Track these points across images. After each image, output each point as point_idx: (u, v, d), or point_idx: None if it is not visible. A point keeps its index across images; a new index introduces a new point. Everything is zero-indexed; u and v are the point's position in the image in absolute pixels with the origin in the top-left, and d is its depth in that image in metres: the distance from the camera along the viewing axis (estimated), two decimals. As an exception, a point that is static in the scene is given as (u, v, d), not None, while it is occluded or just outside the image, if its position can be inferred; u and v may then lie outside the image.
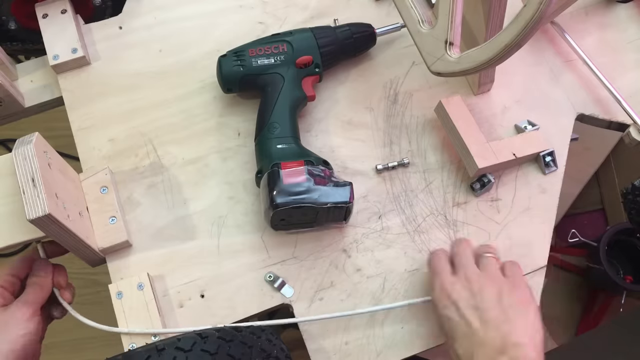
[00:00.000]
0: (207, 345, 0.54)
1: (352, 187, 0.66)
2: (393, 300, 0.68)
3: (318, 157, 0.68)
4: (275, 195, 0.63)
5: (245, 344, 0.56)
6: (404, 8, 0.67)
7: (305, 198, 0.64)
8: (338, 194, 0.65)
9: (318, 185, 0.64)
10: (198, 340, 0.54)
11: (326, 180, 0.65)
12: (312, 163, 0.66)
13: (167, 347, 0.53)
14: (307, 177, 0.65)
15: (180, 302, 0.68)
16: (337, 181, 0.66)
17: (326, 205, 0.64)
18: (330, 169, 0.68)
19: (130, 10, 0.82)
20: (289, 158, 0.67)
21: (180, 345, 0.53)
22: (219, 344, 0.54)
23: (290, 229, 0.69)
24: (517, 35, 0.53)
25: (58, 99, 0.79)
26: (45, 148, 0.62)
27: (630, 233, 1.32)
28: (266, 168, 0.67)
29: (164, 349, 0.53)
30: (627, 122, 0.74)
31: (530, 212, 0.72)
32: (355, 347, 0.66)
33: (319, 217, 0.66)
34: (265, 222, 0.67)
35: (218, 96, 0.78)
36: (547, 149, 0.72)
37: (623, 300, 1.31)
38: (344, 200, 0.65)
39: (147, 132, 0.76)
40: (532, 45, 0.80)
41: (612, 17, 0.83)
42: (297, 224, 0.68)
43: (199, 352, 0.53)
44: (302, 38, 0.73)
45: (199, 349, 0.53)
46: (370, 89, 0.78)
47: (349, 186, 0.66)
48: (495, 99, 0.77)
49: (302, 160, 0.66)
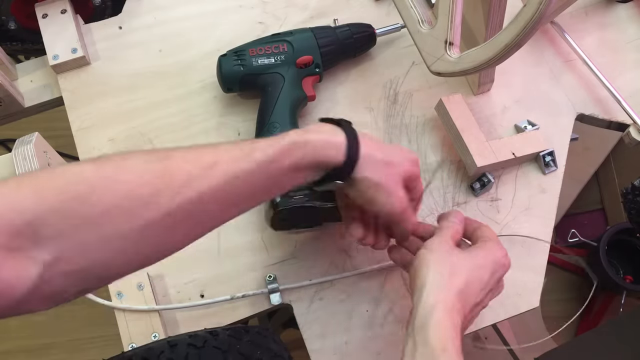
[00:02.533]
0: (218, 342, 0.54)
1: (352, 187, 0.66)
2: (393, 300, 0.68)
3: (318, 157, 0.68)
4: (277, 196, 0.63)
5: (254, 343, 0.57)
6: (404, 8, 0.67)
7: (306, 199, 0.63)
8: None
9: (319, 185, 0.64)
10: (209, 337, 0.54)
11: (326, 180, 0.65)
12: (312, 163, 0.66)
13: (180, 344, 0.53)
14: (307, 177, 0.64)
15: (180, 302, 0.68)
16: (337, 181, 0.66)
17: (327, 205, 0.64)
18: (330, 169, 0.68)
19: (130, 10, 0.82)
20: (288, 158, 0.66)
21: (192, 342, 0.53)
22: (230, 342, 0.55)
23: (291, 229, 0.69)
24: (517, 35, 0.53)
25: (58, 99, 0.79)
26: (45, 148, 0.62)
27: (630, 233, 1.32)
28: (266, 168, 0.67)
29: (176, 345, 0.53)
30: (627, 122, 0.74)
31: (530, 212, 0.72)
32: (355, 347, 0.66)
33: (320, 217, 0.66)
34: (266, 223, 0.67)
35: (218, 96, 0.78)
36: (547, 149, 0.72)
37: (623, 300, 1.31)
38: (344, 200, 0.65)
39: (147, 132, 0.76)
40: (532, 45, 0.80)
41: (612, 17, 0.82)
42: (298, 225, 0.68)
43: (212, 349, 0.53)
44: (303, 38, 0.73)
45: (211, 346, 0.54)
46: (370, 89, 0.78)
47: (349, 186, 0.65)
48: (495, 98, 0.77)
49: (302, 160, 0.66)
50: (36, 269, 0.40)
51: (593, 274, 1.33)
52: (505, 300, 0.67)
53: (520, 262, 0.69)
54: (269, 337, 0.60)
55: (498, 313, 0.67)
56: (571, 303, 1.38)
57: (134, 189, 0.43)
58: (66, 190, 0.41)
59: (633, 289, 1.29)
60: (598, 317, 1.34)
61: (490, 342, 1.13)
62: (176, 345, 0.53)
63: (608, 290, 1.35)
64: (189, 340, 0.54)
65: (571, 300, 1.38)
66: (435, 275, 0.53)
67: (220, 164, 0.46)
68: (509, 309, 0.67)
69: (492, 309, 0.67)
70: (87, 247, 0.41)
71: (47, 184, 0.41)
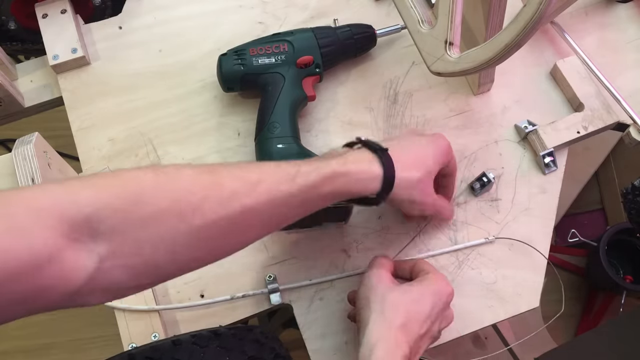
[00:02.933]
0: (221, 341, 0.54)
1: (352, 187, 0.66)
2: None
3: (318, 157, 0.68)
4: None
5: (258, 342, 0.57)
6: (404, 8, 0.67)
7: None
8: (338, 194, 0.64)
9: (318, 185, 0.64)
10: (212, 337, 0.55)
11: (326, 180, 0.65)
12: (312, 163, 0.66)
13: (184, 343, 0.53)
14: (307, 177, 0.64)
15: (180, 302, 0.68)
16: (337, 181, 0.66)
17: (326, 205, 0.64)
18: (330, 169, 0.68)
19: (130, 10, 0.82)
20: (288, 158, 0.67)
21: (196, 341, 0.54)
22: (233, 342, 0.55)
23: (290, 229, 0.69)
24: (517, 35, 0.53)
25: (58, 99, 0.79)
26: (45, 148, 0.62)
27: (630, 233, 1.32)
28: (266, 168, 0.67)
29: (180, 344, 0.53)
30: (627, 122, 0.74)
31: (530, 212, 0.72)
32: (355, 347, 0.66)
33: (319, 217, 0.66)
34: (265, 222, 0.67)
35: (218, 96, 0.78)
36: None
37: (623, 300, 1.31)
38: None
39: (147, 132, 0.76)
40: (532, 45, 0.80)
41: (612, 17, 0.82)
42: (297, 225, 0.68)
43: (215, 349, 0.54)
44: (303, 38, 0.73)
45: (214, 345, 0.54)
46: (370, 89, 0.78)
47: (348, 186, 0.65)
48: (495, 99, 0.77)
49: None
50: (93, 261, 0.42)
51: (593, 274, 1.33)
52: (505, 300, 0.68)
53: (520, 262, 0.69)
54: (270, 337, 0.60)
55: (498, 313, 0.67)
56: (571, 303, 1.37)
57: (185, 195, 0.46)
58: (124, 190, 0.44)
59: (633, 289, 1.29)
60: (598, 317, 1.34)
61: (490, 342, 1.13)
62: (180, 344, 0.53)
63: (608, 290, 1.35)
64: (193, 339, 0.54)
65: (571, 300, 1.38)
66: (377, 314, 0.57)
67: (265, 183, 0.49)
68: (509, 309, 0.67)
69: (492, 308, 0.67)
70: (139, 245, 0.44)
71: (106, 183, 0.44)
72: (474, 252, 0.70)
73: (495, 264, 0.69)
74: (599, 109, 0.74)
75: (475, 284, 0.68)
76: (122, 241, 0.43)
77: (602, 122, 0.73)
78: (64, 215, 0.41)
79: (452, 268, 0.69)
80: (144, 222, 0.44)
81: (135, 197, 0.44)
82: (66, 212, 0.41)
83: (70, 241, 0.41)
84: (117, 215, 0.43)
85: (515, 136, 0.75)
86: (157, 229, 0.44)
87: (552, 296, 1.38)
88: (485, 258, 0.69)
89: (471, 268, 0.69)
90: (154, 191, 0.45)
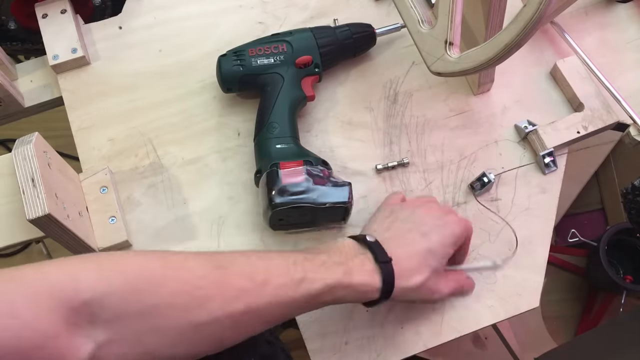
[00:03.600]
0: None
1: (351, 187, 0.66)
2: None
3: (317, 157, 0.68)
4: (274, 195, 0.63)
5: (269, 342, 0.57)
6: (404, 8, 0.67)
7: (303, 198, 0.64)
8: (337, 194, 0.65)
9: (317, 185, 0.64)
10: None
11: (325, 180, 0.65)
12: (311, 163, 0.66)
13: None
14: (305, 177, 0.65)
15: (180, 302, 0.68)
16: (336, 181, 0.66)
17: (325, 205, 0.64)
18: (329, 169, 0.68)
19: (130, 10, 0.82)
20: (288, 158, 0.67)
21: None
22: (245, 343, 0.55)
23: (289, 229, 0.69)
24: (517, 35, 0.53)
25: (58, 99, 0.79)
26: (45, 148, 0.62)
27: (630, 233, 1.32)
28: (265, 168, 0.67)
29: None
30: (627, 122, 0.74)
31: (530, 212, 0.72)
32: (355, 347, 0.66)
33: (318, 217, 0.66)
34: (264, 222, 0.67)
35: (218, 96, 0.78)
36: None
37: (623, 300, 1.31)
38: (342, 200, 0.65)
39: (146, 132, 0.76)
40: (532, 45, 0.80)
41: (612, 17, 0.82)
42: (296, 224, 0.68)
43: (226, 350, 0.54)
44: (302, 38, 0.73)
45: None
46: (370, 89, 0.78)
47: (347, 186, 0.66)
48: (495, 99, 0.77)
49: (301, 160, 0.66)
50: (90, 347, 0.41)
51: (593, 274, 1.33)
52: (505, 300, 0.68)
53: (520, 262, 0.69)
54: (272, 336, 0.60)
55: (498, 313, 0.67)
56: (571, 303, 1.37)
57: (192, 290, 0.45)
58: (130, 276, 0.43)
59: (633, 289, 1.29)
60: (598, 317, 1.34)
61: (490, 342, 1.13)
62: None
63: (608, 291, 1.35)
64: None
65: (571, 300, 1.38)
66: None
67: (270, 286, 0.50)
68: (509, 309, 0.67)
69: (492, 308, 0.67)
70: (140, 336, 0.43)
71: (111, 266, 0.43)
72: (474, 252, 0.69)
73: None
74: (599, 109, 0.74)
75: (475, 283, 0.67)
76: (121, 330, 0.42)
77: (602, 122, 0.73)
78: (63, 299, 0.40)
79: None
80: (146, 312, 0.43)
81: (139, 285, 0.43)
82: (65, 295, 0.40)
83: (68, 325, 0.40)
84: (119, 303, 0.42)
85: (515, 136, 0.75)
86: (160, 321, 0.44)
87: (552, 296, 1.39)
88: (486, 258, 0.69)
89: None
90: (161, 282, 0.44)
